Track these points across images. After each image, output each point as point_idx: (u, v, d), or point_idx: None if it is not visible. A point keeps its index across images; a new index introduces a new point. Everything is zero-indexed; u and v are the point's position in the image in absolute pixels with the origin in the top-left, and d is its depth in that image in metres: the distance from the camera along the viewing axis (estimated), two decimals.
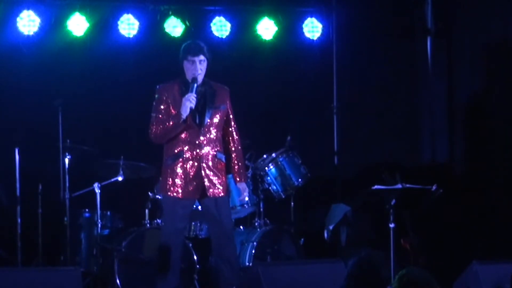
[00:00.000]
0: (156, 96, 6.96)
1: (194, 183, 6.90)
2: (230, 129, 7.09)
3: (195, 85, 6.84)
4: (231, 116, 7.08)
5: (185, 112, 6.77)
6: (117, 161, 8.25)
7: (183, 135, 6.90)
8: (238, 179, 7.12)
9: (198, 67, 6.89)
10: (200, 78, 6.91)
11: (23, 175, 8.41)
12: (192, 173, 6.89)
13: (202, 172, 6.89)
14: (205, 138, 6.92)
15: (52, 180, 8.45)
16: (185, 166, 6.90)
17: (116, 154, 8.29)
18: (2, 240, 8.60)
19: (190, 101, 6.77)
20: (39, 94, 8.98)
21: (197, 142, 6.89)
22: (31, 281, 6.58)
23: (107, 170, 8.28)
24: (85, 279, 7.86)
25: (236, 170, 7.09)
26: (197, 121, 6.90)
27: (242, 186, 7.15)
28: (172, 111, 6.89)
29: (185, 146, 6.90)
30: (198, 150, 6.90)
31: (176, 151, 6.92)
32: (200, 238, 8.32)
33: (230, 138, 7.09)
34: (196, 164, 6.90)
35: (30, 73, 9.06)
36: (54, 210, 8.43)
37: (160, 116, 6.90)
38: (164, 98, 6.92)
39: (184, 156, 6.90)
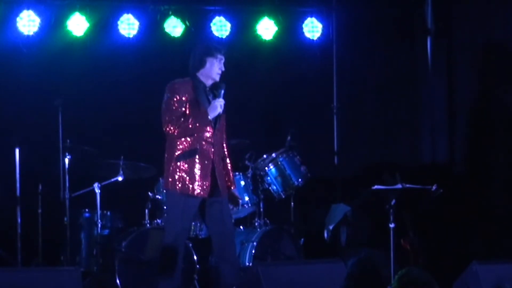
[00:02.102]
0: (170, 94, 6.93)
1: (209, 181, 6.92)
2: (224, 135, 7.17)
3: (222, 91, 6.92)
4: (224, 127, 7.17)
5: (213, 115, 6.86)
6: (117, 161, 8.25)
7: (199, 134, 6.92)
8: (232, 187, 7.18)
9: (222, 67, 7.00)
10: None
11: (23, 175, 8.40)
12: (207, 172, 6.91)
13: (217, 171, 6.96)
14: (216, 138, 6.99)
15: (52, 180, 8.45)
16: (200, 164, 6.90)
17: (116, 154, 8.28)
18: (2, 240, 8.59)
19: (221, 107, 6.86)
20: (39, 94, 8.98)
21: (212, 141, 6.95)
22: (31, 281, 6.57)
23: (107, 170, 8.28)
24: (85, 279, 7.86)
25: (230, 177, 7.17)
26: (213, 120, 6.95)
27: (236, 192, 7.23)
28: (187, 109, 6.89)
29: (201, 144, 6.91)
30: (213, 149, 6.95)
31: (191, 148, 6.91)
32: (200, 238, 8.31)
33: (224, 144, 7.18)
34: (210, 162, 6.93)
35: (30, 73, 9.06)
36: (54, 210, 8.43)
37: (175, 116, 6.87)
38: (180, 95, 6.91)
39: (200, 154, 6.91)
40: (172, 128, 6.85)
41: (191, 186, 6.88)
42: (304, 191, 8.81)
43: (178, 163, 6.92)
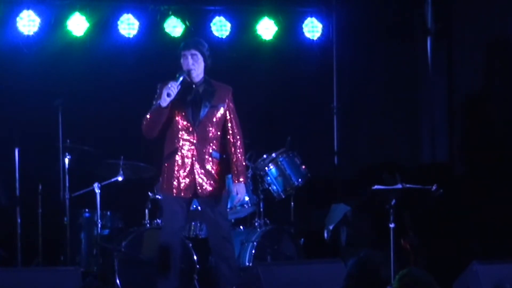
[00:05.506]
0: (156, 94, 6.99)
1: (187, 181, 6.92)
2: (230, 129, 7.07)
3: (181, 76, 6.83)
4: (230, 116, 7.07)
5: (164, 101, 6.76)
6: (117, 161, 8.24)
7: (179, 133, 6.93)
8: (235, 180, 7.08)
9: (190, 61, 6.92)
10: (194, 73, 6.94)
11: (23, 175, 8.41)
12: (185, 171, 6.92)
13: (195, 170, 6.91)
14: (200, 136, 6.93)
15: (52, 180, 8.45)
16: (179, 164, 6.92)
17: (116, 154, 8.28)
18: (2, 240, 8.59)
19: (168, 88, 6.76)
20: (39, 94, 8.97)
21: (192, 139, 6.92)
22: (31, 281, 6.59)
23: (107, 170, 8.28)
24: (85, 279, 7.86)
25: (233, 170, 7.07)
26: (191, 118, 6.91)
27: (237, 187, 7.09)
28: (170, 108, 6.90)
29: (180, 144, 6.93)
30: (192, 148, 6.92)
31: (172, 149, 6.96)
32: (200, 238, 8.32)
33: (229, 138, 7.08)
34: (189, 162, 6.92)
35: (30, 73, 9.05)
36: (54, 210, 8.43)
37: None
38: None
39: (179, 153, 6.93)
40: (143, 123, 6.95)
41: (172, 186, 6.93)
42: (304, 191, 8.81)
43: (164, 165, 7.01)
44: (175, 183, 6.92)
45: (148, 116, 6.91)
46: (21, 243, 8.37)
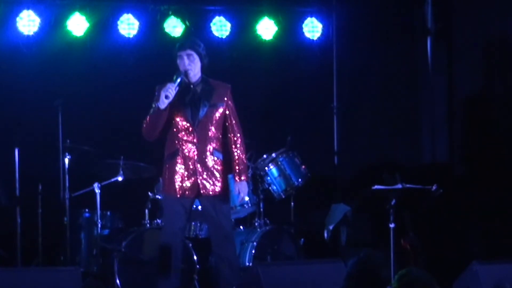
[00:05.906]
0: (155, 96, 6.99)
1: (190, 181, 6.91)
2: (230, 127, 7.05)
3: (179, 78, 6.83)
4: (230, 114, 7.03)
5: (162, 103, 6.76)
6: (117, 161, 8.24)
7: (179, 134, 6.92)
8: (236, 178, 7.07)
9: (186, 61, 6.91)
10: (191, 74, 6.93)
11: (23, 175, 8.41)
12: (187, 172, 6.91)
13: (198, 170, 6.90)
14: (200, 135, 6.91)
15: (52, 180, 8.45)
16: (181, 164, 6.91)
17: (116, 154, 8.29)
18: (2, 240, 8.59)
19: (166, 90, 6.76)
20: (39, 94, 8.98)
21: (192, 140, 6.91)
22: (31, 281, 6.59)
23: (107, 170, 8.28)
24: (85, 279, 7.85)
25: (235, 169, 7.05)
26: (191, 118, 6.91)
27: (239, 186, 7.07)
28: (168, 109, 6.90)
29: (181, 144, 6.92)
30: (193, 148, 6.91)
31: (173, 149, 6.95)
32: (200, 238, 8.32)
33: (230, 136, 7.06)
34: (191, 162, 6.90)
35: (30, 73, 9.06)
36: (54, 210, 8.43)
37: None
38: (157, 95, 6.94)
39: (180, 154, 6.91)
40: (143, 126, 6.94)
41: (174, 187, 6.91)
42: (304, 191, 8.81)
43: (166, 165, 7.00)
44: (177, 184, 6.91)
45: (147, 119, 6.91)
46: (21, 243, 8.37)
